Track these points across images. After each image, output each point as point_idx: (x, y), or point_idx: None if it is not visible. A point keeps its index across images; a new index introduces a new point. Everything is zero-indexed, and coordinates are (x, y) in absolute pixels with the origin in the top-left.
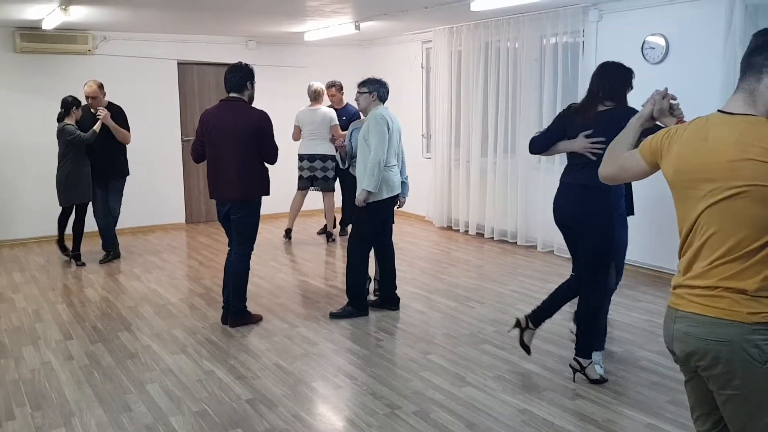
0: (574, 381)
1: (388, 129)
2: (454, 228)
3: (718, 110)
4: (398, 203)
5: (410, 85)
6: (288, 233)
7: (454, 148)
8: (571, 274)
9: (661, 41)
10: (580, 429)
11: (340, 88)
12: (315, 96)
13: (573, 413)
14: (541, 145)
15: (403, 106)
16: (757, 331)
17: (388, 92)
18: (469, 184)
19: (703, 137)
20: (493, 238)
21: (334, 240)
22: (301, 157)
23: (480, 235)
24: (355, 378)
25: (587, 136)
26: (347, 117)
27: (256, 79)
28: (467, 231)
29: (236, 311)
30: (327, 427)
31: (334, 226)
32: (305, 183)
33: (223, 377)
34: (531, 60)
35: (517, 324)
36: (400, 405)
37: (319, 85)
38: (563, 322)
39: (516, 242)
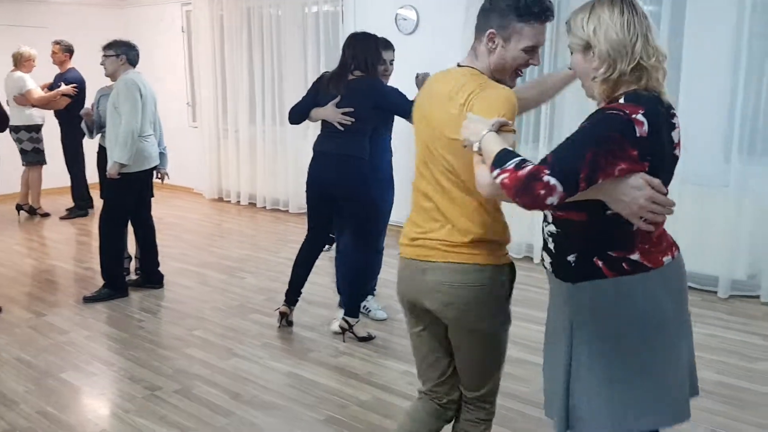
0: (344, 342)
1: (141, 95)
2: (225, 199)
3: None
4: (159, 176)
5: (171, 51)
6: (18, 208)
7: (221, 117)
8: (304, 244)
9: (412, 14)
10: (342, 384)
11: (65, 48)
12: (13, 61)
13: (336, 370)
14: (296, 113)
15: (164, 72)
16: None
17: (138, 55)
18: (239, 153)
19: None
20: (265, 207)
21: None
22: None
23: (252, 204)
24: (111, 364)
25: (337, 105)
26: (65, 83)
27: None
28: (239, 201)
29: None
30: (78, 419)
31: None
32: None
33: None
34: (294, 27)
35: (283, 316)
36: (160, 385)
37: (25, 49)
38: (331, 284)
39: (288, 210)
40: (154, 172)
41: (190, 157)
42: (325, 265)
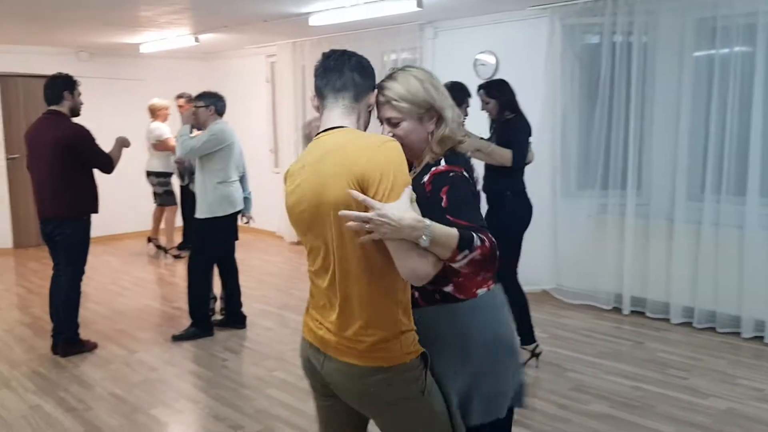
0: None
1: (228, 143)
2: None
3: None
4: (244, 220)
5: (256, 100)
6: (149, 240)
7: None
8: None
9: (491, 59)
10: None
11: (189, 99)
12: (149, 113)
13: None
14: None
15: (249, 120)
16: None
17: (225, 106)
18: None
19: None
20: None
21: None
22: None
23: None
24: (197, 401)
25: None
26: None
27: (87, 92)
28: None
29: (66, 339)
30: None
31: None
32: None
33: (52, 411)
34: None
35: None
36: (243, 425)
37: (157, 100)
38: None
39: None
40: (239, 216)
41: (273, 201)
42: None
